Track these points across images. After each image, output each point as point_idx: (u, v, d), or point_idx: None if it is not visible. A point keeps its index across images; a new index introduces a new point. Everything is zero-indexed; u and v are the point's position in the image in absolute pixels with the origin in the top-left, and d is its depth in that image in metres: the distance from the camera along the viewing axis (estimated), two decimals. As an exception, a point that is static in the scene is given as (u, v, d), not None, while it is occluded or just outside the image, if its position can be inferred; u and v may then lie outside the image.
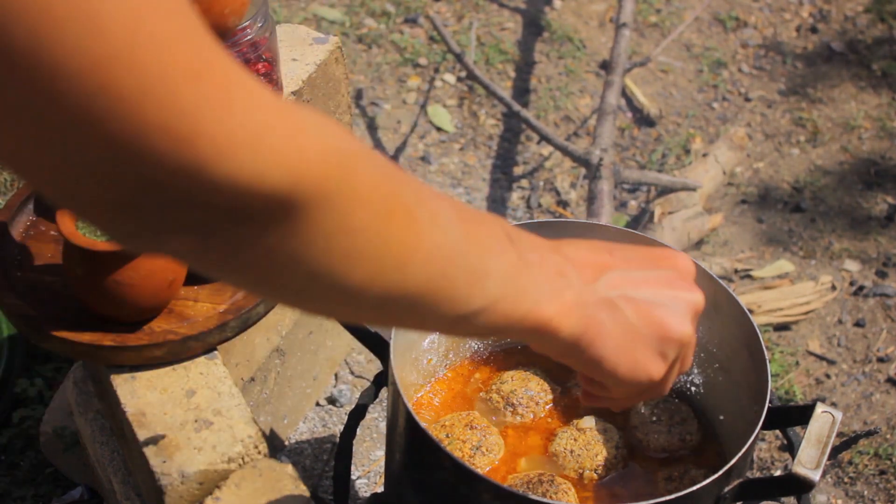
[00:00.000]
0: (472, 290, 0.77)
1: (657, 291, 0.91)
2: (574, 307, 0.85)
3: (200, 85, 0.55)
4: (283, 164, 0.59)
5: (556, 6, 3.01)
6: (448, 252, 0.74)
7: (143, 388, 1.34)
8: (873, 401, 2.13)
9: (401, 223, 0.70)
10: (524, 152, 2.63)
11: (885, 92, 2.85)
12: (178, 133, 0.54)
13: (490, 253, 0.79)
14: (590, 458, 1.39)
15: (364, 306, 0.73)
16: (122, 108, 0.53)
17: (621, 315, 0.88)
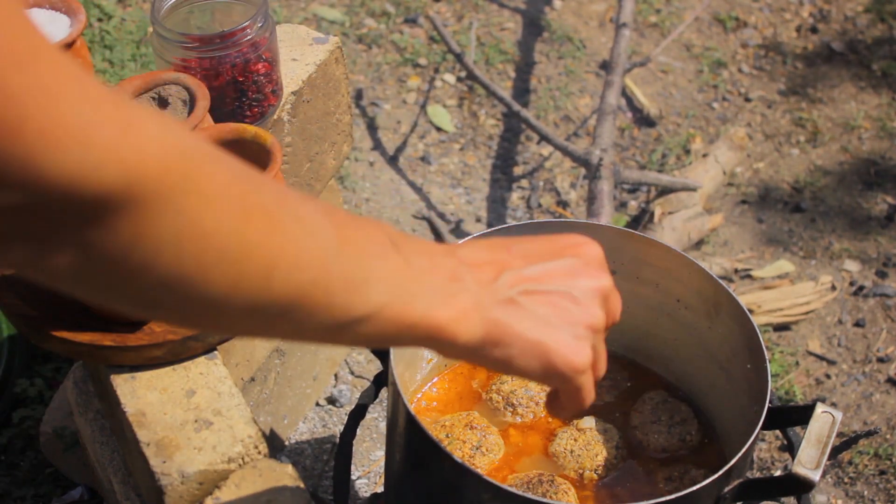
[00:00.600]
0: (350, 298, 0.73)
1: (559, 282, 0.88)
2: (472, 311, 0.82)
3: (28, 72, 0.52)
4: (117, 158, 0.56)
5: (556, 6, 3.01)
6: (319, 257, 0.71)
7: (143, 388, 1.34)
8: (873, 401, 2.13)
9: (260, 226, 0.66)
10: (524, 152, 2.63)
11: (885, 92, 2.85)
12: (3, 121, 0.51)
13: (370, 258, 0.75)
14: (590, 458, 1.39)
15: (230, 317, 0.69)
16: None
17: (524, 311, 0.85)
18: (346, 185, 2.48)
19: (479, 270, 0.85)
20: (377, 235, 0.77)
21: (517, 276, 0.86)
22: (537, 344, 0.85)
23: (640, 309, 1.49)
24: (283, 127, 1.64)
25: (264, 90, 1.52)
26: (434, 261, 0.81)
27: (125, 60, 2.58)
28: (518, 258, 0.88)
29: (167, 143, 0.60)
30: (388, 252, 0.77)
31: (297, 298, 0.70)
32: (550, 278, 0.88)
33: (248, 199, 0.65)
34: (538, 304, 0.86)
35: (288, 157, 1.69)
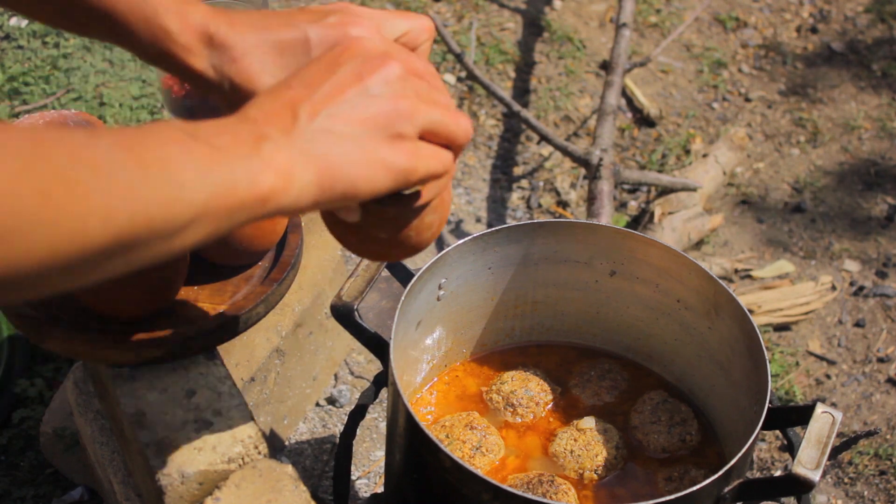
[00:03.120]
0: (173, 211, 0.73)
1: (349, 95, 0.86)
2: (293, 162, 0.81)
3: None
4: None
5: (556, 6, 3.01)
6: (127, 194, 0.70)
7: (143, 388, 1.34)
8: (873, 401, 2.13)
9: (61, 196, 0.66)
10: (524, 152, 2.63)
11: (885, 92, 2.85)
12: None
13: (174, 162, 0.74)
14: (590, 459, 1.39)
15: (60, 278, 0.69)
16: None
17: (336, 135, 0.84)
18: (346, 185, 2.48)
19: (276, 119, 0.83)
20: (171, 134, 0.76)
21: (311, 106, 0.85)
22: (370, 156, 0.85)
23: (640, 309, 1.49)
24: (283, 127, 1.64)
25: (264, 90, 1.52)
26: (235, 133, 0.80)
27: (125, 61, 2.59)
28: (303, 89, 0.86)
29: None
30: (189, 145, 0.76)
31: (121, 239, 0.70)
32: (341, 92, 0.86)
33: (38, 171, 0.65)
34: (345, 123, 0.85)
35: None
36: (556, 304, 1.53)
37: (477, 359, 1.54)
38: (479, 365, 1.53)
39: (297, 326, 1.83)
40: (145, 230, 0.71)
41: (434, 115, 0.90)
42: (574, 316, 1.54)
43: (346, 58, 0.88)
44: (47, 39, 2.63)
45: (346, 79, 0.86)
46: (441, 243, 2.37)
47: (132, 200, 0.70)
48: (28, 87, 2.47)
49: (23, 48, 2.60)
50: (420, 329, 1.42)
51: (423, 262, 1.38)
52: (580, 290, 1.51)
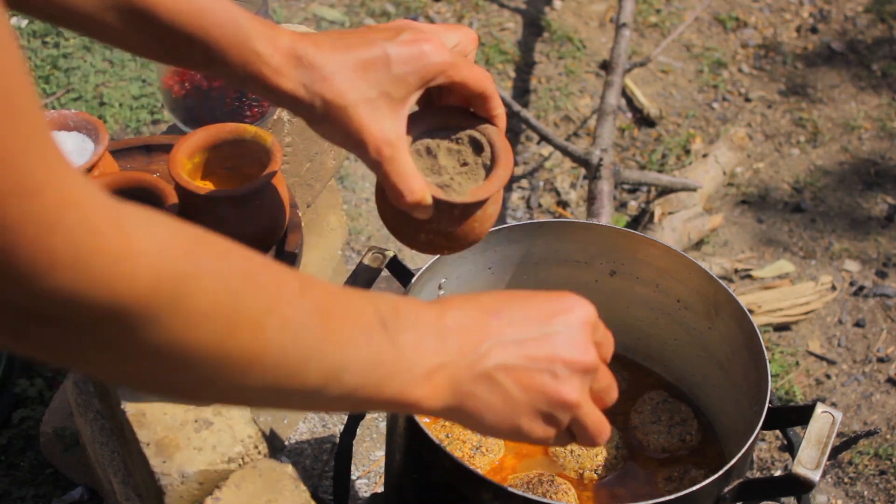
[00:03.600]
0: (326, 385, 0.77)
1: (539, 358, 0.88)
2: (447, 386, 0.84)
3: (28, 203, 0.57)
4: (106, 286, 0.60)
5: (556, 6, 3.01)
6: (298, 354, 0.74)
7: (143, 388, 1.34)
8: (873, 401, 2.13)
9: (244, 336, 0.70)
10: (524, 152, 2.63)
11: (885, 92, 2.85)
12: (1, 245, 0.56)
13: (351, 346, 0.78)
14: (590, 458, 1.39)
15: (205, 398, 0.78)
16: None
17: (499, 388, 0.87)
18: (346, 184, 2.48)
19: (464, 337, 0.86)
20: (366, 317, 0.80)
21: (499, 346, 0.87)
22: (507, 423, 0.88)
23: (640, 309, 1.49)
24: (282, 127, 1.64)
25: (264, 90, 1.52)
26: (420, 336, 0.83)
27: (125, 60, 2.59)
28: (505, 325, 0.88)
29: (161, 264, 0.64)
30: (372, 335, 0.80)
31: (273, 390, 0.75)
32: (531, 350, 0.88)
33: (237, 312, 0.69)
34: (514, 381, 0.87)
35: (288, 156, 1.69)
36: (556, 304, 1.53)
37: (477, 359, 1.54)
38: (479, 365, 1.53)
39: (297, 326, 1.83)
40: (295, 389, 0.76)
41: (588, 421, 0.93)
42: (574, 316, 1.54)
43: (559, 321, 0.91)
44: (47, 39, 2.63)
45: (543, 341, 0.89)
46: (441, 243, 2.37)
47: (298, 361, 0.75)
48: (28, 87, 2.47)
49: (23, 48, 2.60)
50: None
51: (424, 262, 1.38)
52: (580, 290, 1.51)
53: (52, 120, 1.43)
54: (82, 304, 0.60)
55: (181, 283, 0.65)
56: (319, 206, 1.91)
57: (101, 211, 0.61)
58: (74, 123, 1.41)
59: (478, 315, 0.88)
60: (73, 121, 1.41)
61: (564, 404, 0.89)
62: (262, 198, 1.35)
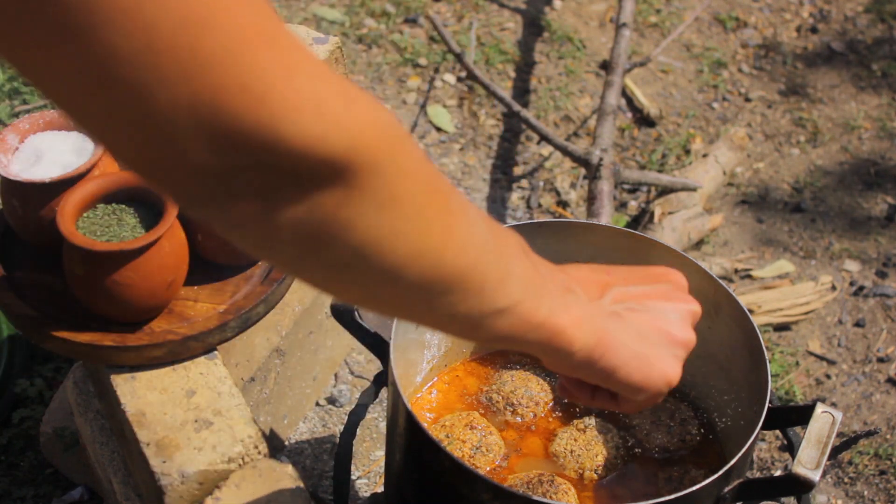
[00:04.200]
0: (498, 288, 0.80)
1: (658, 304, 0.97)
2: (583, 320, 0.89)
3: (274, 49, 0.60)
4: (343, 128, 0.63)
5: (556, 6, 3.01)
6: (479, 244, 0.78)
7: (143, 388, 1.34)
8: (873, 401, 2.13)
9: (440, 206, 0.73)
10: (524, 152, 2.63)
11: (885, 92, 2.85)
12: (254, 92, 0.58)
13: (511, 257, 0.83)
14: (590, 458, 1.39)
15: (401, 288, 0.75)
16: (207, 66, 0.57)
17: (629, 326, 0.93)
18: (346, 185, 2.48)
19: (586, 286, 0.93)
20: (514, 241, 0.85)
21: (620, 293, 0.95)
22: (641, 357, 0.94)
23: (640, 309, 1.49)
24: (283, 127, 1.64)
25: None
26: (552, 272, 0.89)
27: (125, 60, 2.59)
28: (619, 279, 0.96)
29: (381, 118, 0.67)
30: (521, 256, 0.84)
31: (459, 279, 0.77)
32: (649, 299, 0.97)
33: (433, 180, 0.73)
34: (640, 320, 0.95)
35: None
36: (556, 304, 1.53)
37: (477, 359, 1.54)
38: (479, 365, 1.53)
39: (296, 326, 1.83)
40: (475, 286, 0.78)
41: None
42: (574, 316, 1.54)
43: (663, 279, 1.00)
44: (47, 39, 2.63)
45: (657, 292, 0.98)
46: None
47: (478, 253, 0.78)
48: (28, 87, 2.47)
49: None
50: (420, 329, 1.42)
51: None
52: (580, 290, 1.51)
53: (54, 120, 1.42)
54: (323, 147, 0.62)
55: (395, 136, 0.68)
56: (319, 206, 1.91)
57: (320, 60, 0.64)
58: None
59: (591, 271, 0.96)
60: None
61: (686, 344, 0.98)
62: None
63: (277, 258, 0.72)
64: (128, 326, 1.38)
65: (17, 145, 1.40)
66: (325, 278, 0.75)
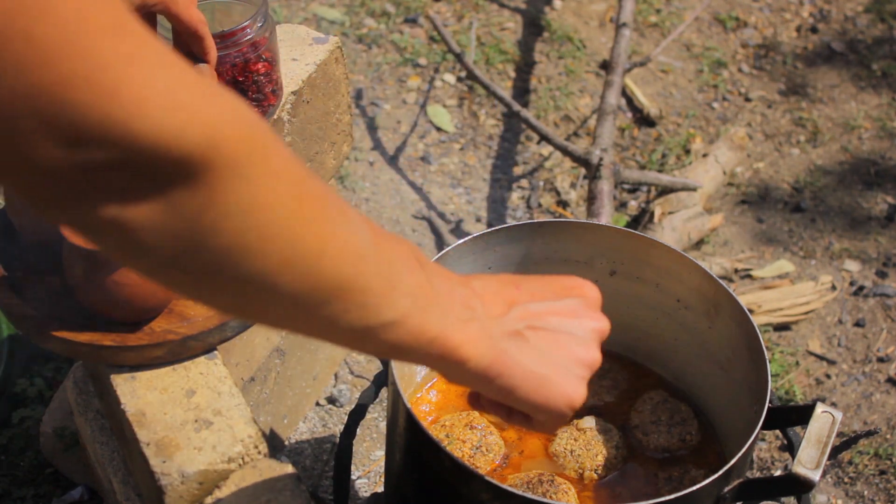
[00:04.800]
0: (383, 300, 0.76)
1: (563, 320, 0.93)
2: (480, 339, 0.86)
3: (121, 39, 0.56)
4: (200, 121, 0.59)
5: (556, 6, 3.01)
6: (361, 253, 0.74)
7: (143, 388, 1.34)
8: (873, 401, 2.13)
9: (314, 211, 0.69)
10: (524, 152, 2.63)
11: (885, 92, 2.85)
12: (101, 85, 0.55)
13: (400, 268, 0.79)
14: (590, 458, 1.39)
15: (276, 297, 0.70)
16: (46, 56, 0.53)
17: (530, 345, 0.90)
18: (346, 185, 2.48)
19: (489, 302, 0.89)
20: (405, 250, 0.81)
21: (524, 311, 0.91)
22: (540, 377, 0.90)
23: (640, 309, 1.49)
24: (283, 127, 1.64)
25: (264, 90, 1.52)
26: (451, 286, 0.85)
27: (125, 60, 2.58)
28: (527, 294, 0.93)
29: (242, 114, 0.63)
30: (414, 267, 0.81)
31: (338, 289, 0.73)
32: (556, 316, 0.93)
33: (304, 182, 0.69)
34: (543, 340, 0.91)
35: (288, 157, 1.69)
36: (556, 304, 1.53)
37: (477, 359, 1.54)
38: (479, 365, 1.53)
39: (297, 326, 1.83)
40: (357, 297, 0.75)
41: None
42: (574, 316, 1.54)
43: (573, 294, 0.96)
44: (47, 39, 2.63)
45: (564, 309, 0.94)
46: (441, 243, 2.37)
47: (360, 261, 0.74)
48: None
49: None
50: (420, 329, 1.42)
51: (423, 262, 1.38)
52: (580, 290, 1.51)
53: None
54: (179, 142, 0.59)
55: (260, 134, 0.65)
56: (319, 206, 1.91)
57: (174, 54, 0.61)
58: None
59: (500, 285, 0.92)
60: None
61: (590, 365, 0.94)
62: None
63: (141, 265, 0.67)
64: (128, 326, 1.38)
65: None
66: (193, 286, 0.70)
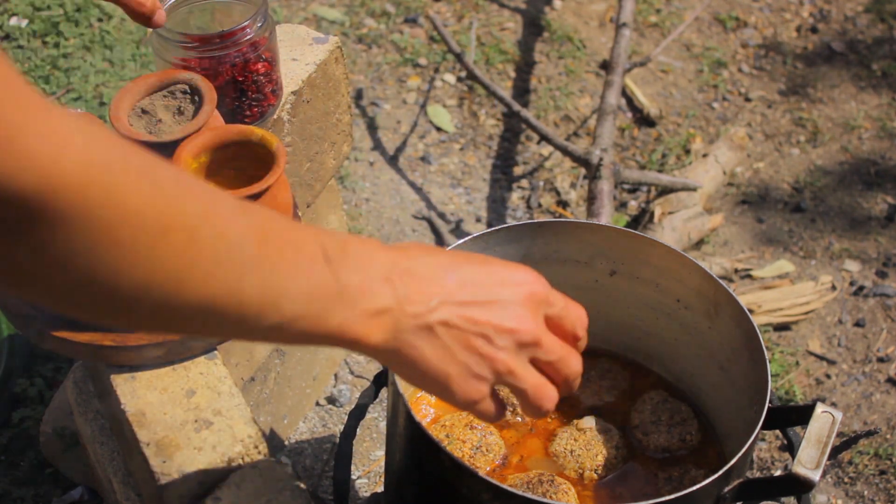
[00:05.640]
0: (263, 310, 0.77)
1: (480, 322, 0.91)
2: (389, 330, 0.87)
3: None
4: (36, 168, 0.57)
5: (556, 6, 3.01)
6: (233, 269, 0.74)
7: (143, 388, 1.34)
8: (873, 401, 2.13)
9: (177, 240, 0.68)
10: (524, 152, 2.63)
11: (885, 92, 2.85)
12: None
13: (291, 273, 0.79)
14: (590, 458, 1.39)
15: (139, 315, 0.71)
16: None
17: (438, 342, 0.90)
18: (346, 185, 2.48)
19: (414, 289, 0.88)
20: (308, 248, 0.81)
21: (448, 303, 0.90)
22: (441, 375, 0.91)
23: (640, 309, 1.49)
24: (282, 127, 1.64)
25: (264, 90, 1.52)
26: (367, 277, 0.85)
27: (125, 60, 2.58)
28: (456, 286, 0.91)
29: (92, 155, 0.61)
30: (314, 267, 0.81)
31: (207, 307, 0.73)
32: (476, 314, 0.91)
33: (168, 216, 0.67)
34: (454, 337, 0.90)
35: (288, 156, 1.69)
36: (556, 304, 1.53)
37: (477, 359, 1.54)
38: (479, 365, 1.53)
39: (297, 326, 1.83)
40: (232, 310, 0.75)
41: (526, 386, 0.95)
42: (574, 316, 1.54)
43: (507, 292, 0.93)
44: (47, 39, 2.63)
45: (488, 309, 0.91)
46: (441, 243, 2.37)
47: (234, 279, 0.74)
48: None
49: (23, 48, 2.60)
50: (420, 329, 1.42)
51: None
52: (580, 290, 1.51)
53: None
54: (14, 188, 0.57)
55: (113, 174, 0.63)
56: (319, 206, 1.91)
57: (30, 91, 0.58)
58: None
59: (433, 269, 0.90)
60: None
61: (496, 369, 0.92)
62: (263, 202, 1.35)
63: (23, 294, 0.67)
64: (128, 326, 1.37)
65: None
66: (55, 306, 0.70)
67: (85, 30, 2.64)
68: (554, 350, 0.96)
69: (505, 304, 0.92)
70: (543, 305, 0.95)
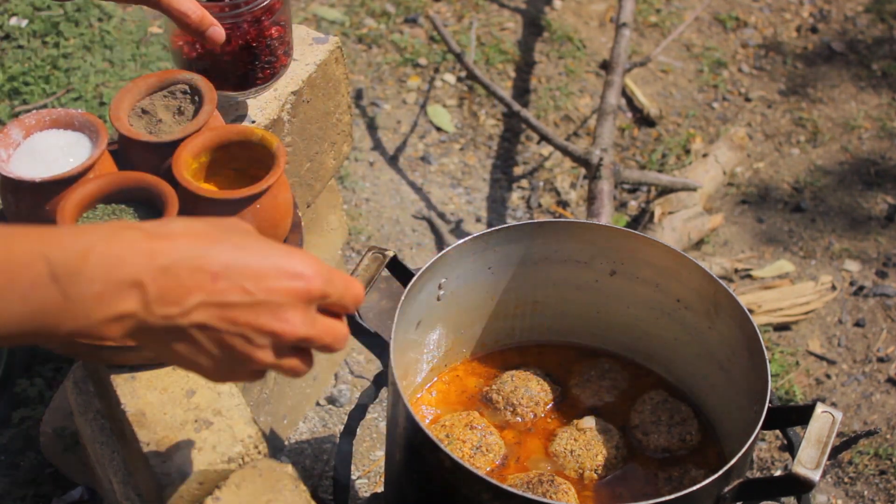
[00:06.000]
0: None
1: (240, 323, 0.91)
2: (130, 330, 0.88)
3: None
4: None
5: (556, 6, 3.01)
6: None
7: (143, 388, 1.34)
8: (873, 401, 2.13)
9: None
10: (524, 152, 2.63)
11: (885, 92, 2.85)
12: None
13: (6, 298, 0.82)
14: (590, 458, 1.39)
15: None
16: None
17: (189, 339, 0.90)
18: (346, 184, 2.48)
19: (169, 287, 0.88)
20: (30, 271, 0.83)
21: (206, 307, 0.89)
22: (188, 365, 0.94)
23: (640, 309, 1.49)
24: (283, 127, 1.64)
25: (276, 52, 1.54)
26: (107, 287, 0.85)
27: (125, 60, 2.58)
28: (222, 288, 0.89)
29: None
30: (38, 288, 0.83)
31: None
32: (238, 315, 0.90)
33: None
34: (208, 338, 0.91)
35: (288, 156, 1.69)
36: (556, 304, 1.53)
37: (477, 359, 1.54)
38: (479, 365, 1.53)
39: (297, 326, 1.83)
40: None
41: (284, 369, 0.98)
42: (574, 316, 1.54)
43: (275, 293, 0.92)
44: (47, 39, 2.63)
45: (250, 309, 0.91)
46: (441, 243, 2.37)
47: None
48: (28, 87, 2.47)
49: (23, 48, 2.60)
50: (420, 329, 1.42)
51: (424, 262, 1.38)
52: (580, 290, 1.51)
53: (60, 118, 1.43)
54: None
55: None
56: (319, 206, 1.91)
57: None
58: (80, 123, 1.42)
59: (198, 262, 0.89)
60: (77, 120, 1.42)
61: (254, 368, 0.94)
62: (263, 202, 1.35)
63: None
64: (128, 326, 1.37)
65: (20, 141, 1.40)
66: None
67: (85, 30, 2.64)
68: (322, 338, 0.97)
69: (272, 305, 0.91)
70: (317, 300, 0.94)
